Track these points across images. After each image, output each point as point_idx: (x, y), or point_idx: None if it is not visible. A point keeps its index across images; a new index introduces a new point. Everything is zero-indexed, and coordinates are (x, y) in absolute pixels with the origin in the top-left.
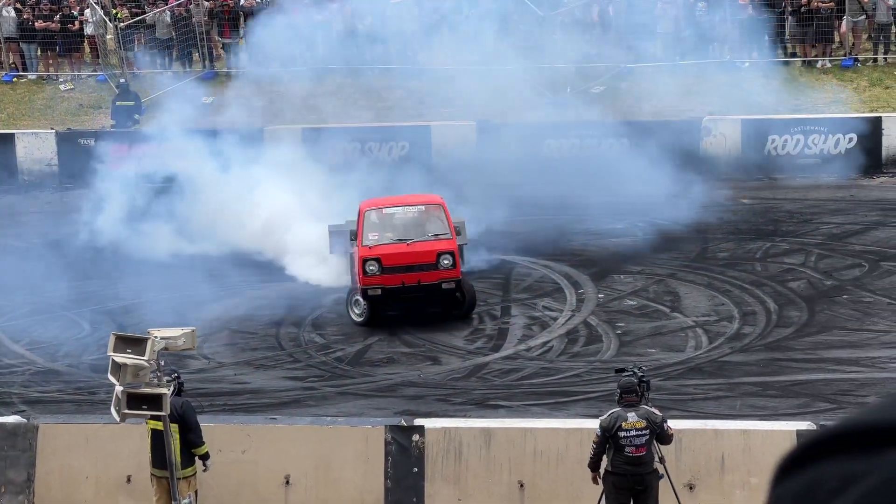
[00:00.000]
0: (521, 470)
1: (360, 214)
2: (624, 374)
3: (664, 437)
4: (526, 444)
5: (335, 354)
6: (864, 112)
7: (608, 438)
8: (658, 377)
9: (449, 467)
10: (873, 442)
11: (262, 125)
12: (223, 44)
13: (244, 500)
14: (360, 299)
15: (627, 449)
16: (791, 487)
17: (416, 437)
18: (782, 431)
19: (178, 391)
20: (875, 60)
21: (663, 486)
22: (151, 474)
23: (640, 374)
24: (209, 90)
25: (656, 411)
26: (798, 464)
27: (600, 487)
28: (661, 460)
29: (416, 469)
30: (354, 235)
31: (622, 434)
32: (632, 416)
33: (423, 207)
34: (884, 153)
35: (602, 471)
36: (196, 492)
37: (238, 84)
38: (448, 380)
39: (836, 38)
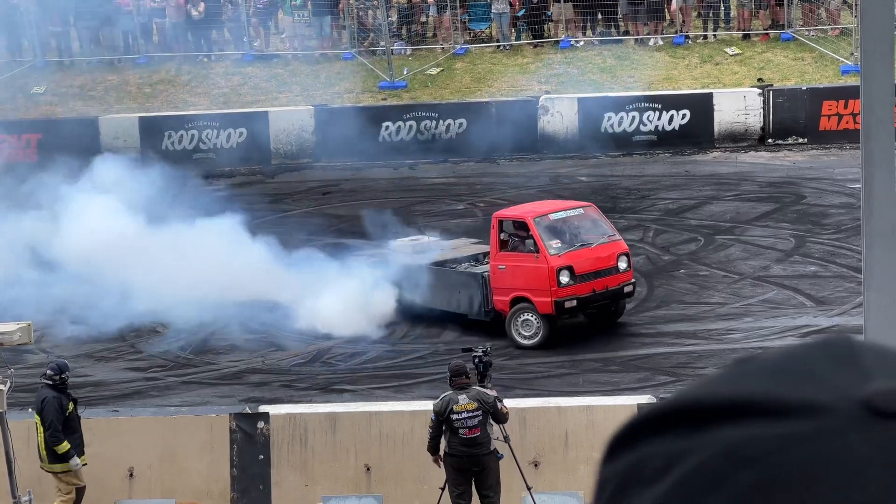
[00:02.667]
0: (368, 453)
1: (530, 224)
2: (472, 353)
3: (499, 416)
4: (371, 427)
5: (178, 344)
6: (696, 88)
7: (442, 422)
8: (502, 356)
9: (295, 453)
10: (698, 419)
11: (98, 114)
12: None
13: (89, 495)
14: (533, 317)
15: (461, 431)
16: (618, 467)
17: (261, 425)
18: (624, 406)
19: (55, 386)
20: (705, 37)
21: (509, 464)
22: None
23: (485, 354)
24: (41, 79)
25: (489, 391)
26: (625, 443)
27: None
28: (506, 439)
29: (261, 456)
30: (514, 247)
31: (455, 417)
32: (463, 399)
33: (581, 210)
34: (716, 128)
35: (442, 453)
36: (79, 489)
37: (71, 73)
38: (292, 366)
39: (668, 16)
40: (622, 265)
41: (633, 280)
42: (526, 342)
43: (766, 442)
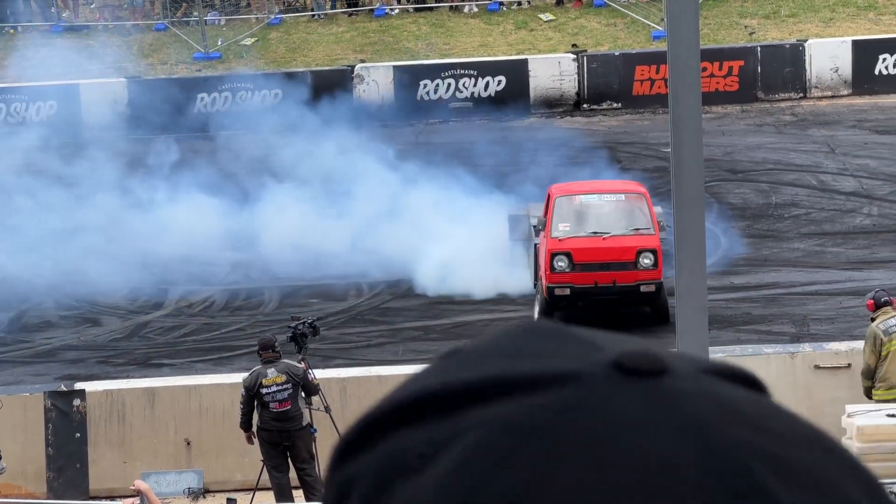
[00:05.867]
0: (188, 428)
1: (550, 200)
2: (297, 322)
3: (309, 387)
4: (191, 401)
5: None
6: (511, 55)
7: (252, 397)
8: (323, 326)
9: (113, 430)
10: (450, 404)
11: None
12: None
13: None
14: (543, 298)
15: (272, 405)
16: (365, 465)
17: (77, 402)
18: None
19: None
20: (519, 4)
21: (331, 434)
22: None
23: (304, 325)
24: None
25: (298, 364)
26: (364, 441)
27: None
28: (327, 409)
29: (78, 434)
30: (543, 224)
31: (264, 391)
32: (271, 372)
33: (622, 197)
34: (531, 94)
35: (255, 426)
36: None
37: None
38: (109, 341)
39: None
40: (645, 262)
41: (659, 280)
42: None
43: (541, 411)
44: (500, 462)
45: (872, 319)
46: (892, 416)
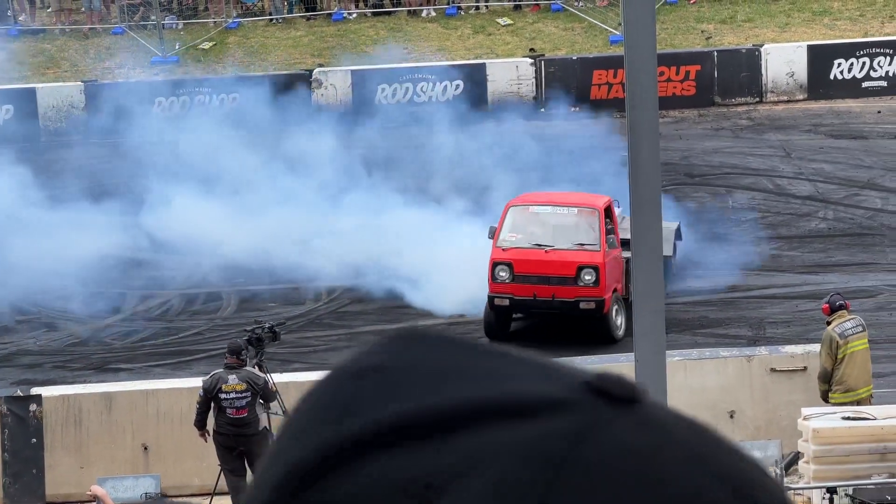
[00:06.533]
0: (145, 433)
1: (505, 210)
2: (256, 325)
3: (268, 395)
4: (148, 406)
5: None
6: (469, 59)
7: (210, 399)
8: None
9: (69, 435)
10: (442, 429)
11: None
12: None
13: None
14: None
15: (229, 410)
16: (350, 495)
17: (33, 407)
18: None
19: None
20: (477, 8)
21: None
22: None
23: (264, 330)
24: None
25: (259, 373)
26: (334, 467)
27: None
28: (286, 413)
29: (34, 440)
30: (492, 233)
31: (223, 396)
32: (232, 379)
33: (574, 210)
34: (489, 98)
35: (211, 429)
36: None
37: None
38: (66, 346)
39: None
40: (586, 278)
41: (601, 297)
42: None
43: (554, 442)
44: (537, 495)
45: (828, 323)
46: (848, 419)
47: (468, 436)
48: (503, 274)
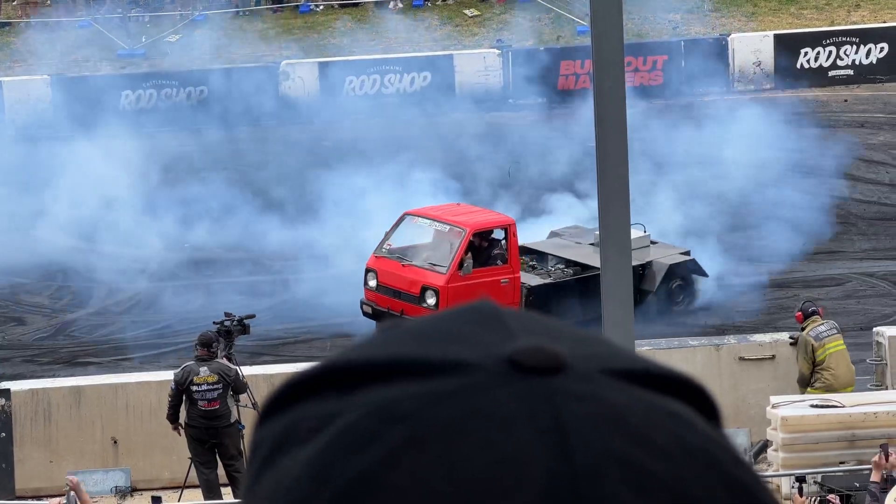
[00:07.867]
0: (115, 426)
1: (400, 217)
2: (226, 318)
3: (239, 387)
4: (117, 399)
5: None
6: (436, 51)
7: (182, 391)
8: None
9: (39, 429)
10: (349, 381)
11: None
12: None
13: None
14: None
15: (200, 403)
16: (273, 428)
17: (2, 402)
18: None
19: None
20: None
21: None
22: None
23: (233, 322)
24: None
25: (231, 365)
26: (280, 405)
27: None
28: (255, 406)
29: (3, 434)
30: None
31: (194, 388)
32: (203, 371)
33: (446, 228)
34: (457, 90)
35: (183, 422)
36: None
37: None
38: (34, 340)
39: None
40: (429, 301)
41: None
42: None
43: (414, 400)
44: (359, 445)
45: (803, 329)
46: (816, 406)
47: (373, 388)
48: (371, 282)
